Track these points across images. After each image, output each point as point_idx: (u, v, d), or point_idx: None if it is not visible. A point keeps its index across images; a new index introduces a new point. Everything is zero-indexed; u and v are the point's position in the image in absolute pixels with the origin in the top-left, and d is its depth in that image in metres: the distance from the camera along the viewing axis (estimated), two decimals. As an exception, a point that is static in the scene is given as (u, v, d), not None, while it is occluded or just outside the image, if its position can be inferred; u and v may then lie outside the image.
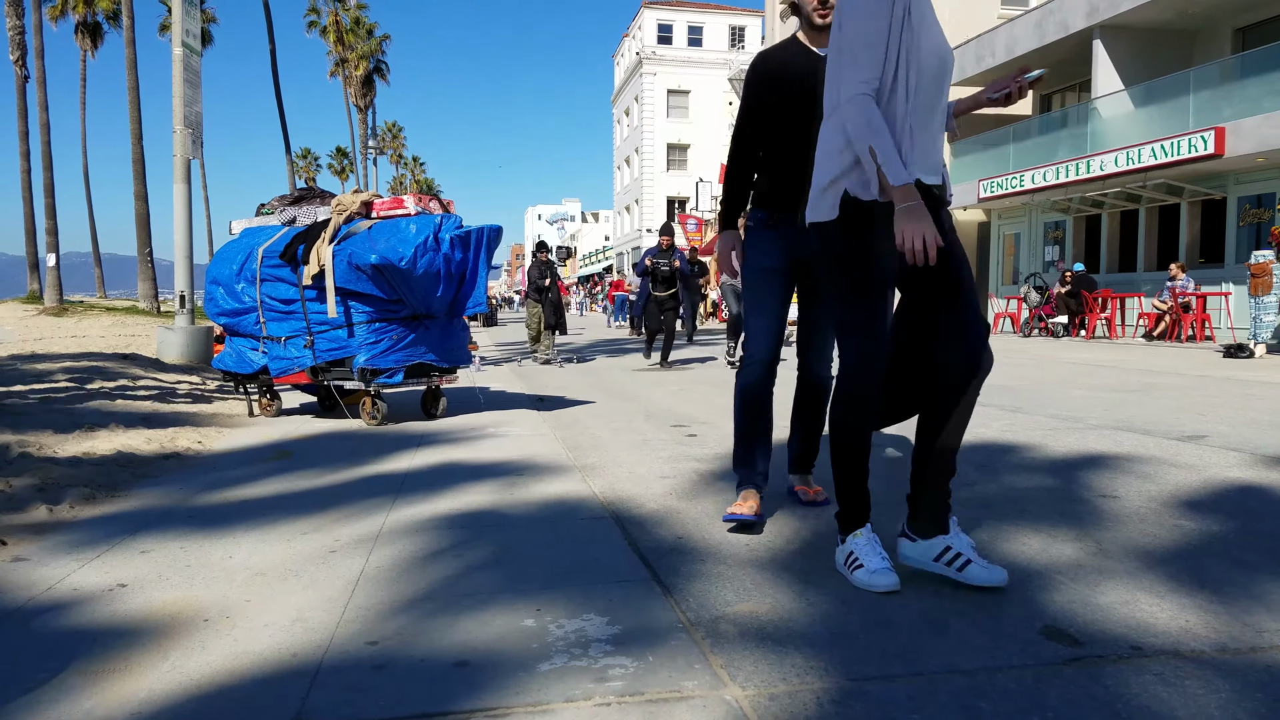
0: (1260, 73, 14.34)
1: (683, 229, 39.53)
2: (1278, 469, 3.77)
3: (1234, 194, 15.46)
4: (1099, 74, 17.65)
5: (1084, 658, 1.83)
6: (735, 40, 49.57)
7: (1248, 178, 14.88)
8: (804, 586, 2.30)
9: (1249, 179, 14.87)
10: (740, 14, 49.87)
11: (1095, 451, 4.20)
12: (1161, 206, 17.42)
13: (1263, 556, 2.52)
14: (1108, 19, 17.09)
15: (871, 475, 2.51)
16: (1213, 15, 16.46)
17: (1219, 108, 14.75)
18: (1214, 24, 16.80)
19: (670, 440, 4.66)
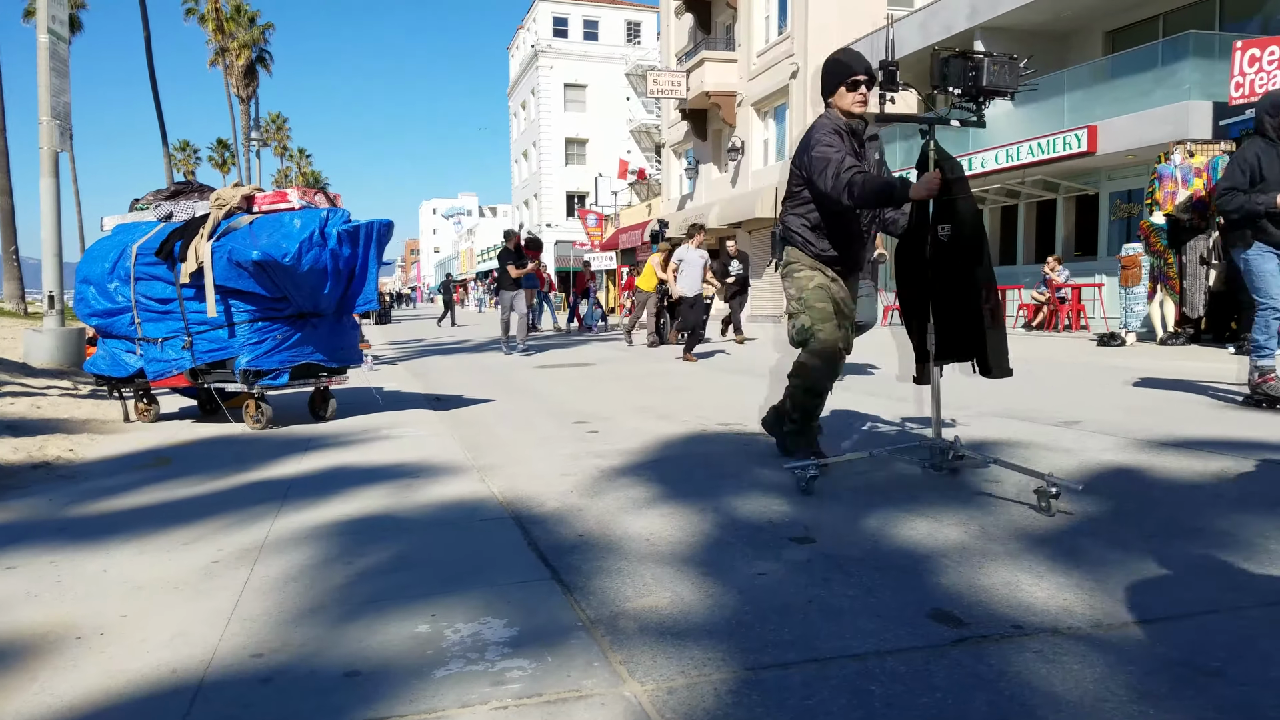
0: (1129, 74, 15.24)
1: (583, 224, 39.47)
2: (1148, 452, 4.01)
3: (1106, 190, 16.40)
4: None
5: (969, 638, 1.89)
6: (631, 35, 49.73)
7: (1119, 174, 15.79)
8: (704, 579, 2.31)
9: (1120, 175, 15.79)
10: (636, 9, 50.04)
11: (981, 438, 4.38)
12: (1039, 202, 18.33)
13: (1135, 535, 2.67)
14: (987, 20, 17.86)
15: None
16: (1085, 18, 17.40)
17: (1091, 107, 15.60)
18: (1086, 27, 17.76)
19: (572, 437, 4.63)
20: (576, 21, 49.44)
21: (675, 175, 32.50)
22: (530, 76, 50.75)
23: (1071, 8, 16.79)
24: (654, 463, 3.88)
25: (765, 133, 26.39)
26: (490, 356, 11.69)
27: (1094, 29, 17.68)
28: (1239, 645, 1.81)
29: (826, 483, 3.47)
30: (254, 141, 35.36)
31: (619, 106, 45.46)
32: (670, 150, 32.61)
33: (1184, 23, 15.30)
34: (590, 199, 42.74)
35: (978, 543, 2.60)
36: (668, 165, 33.06)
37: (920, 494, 3.23)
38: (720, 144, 28.19)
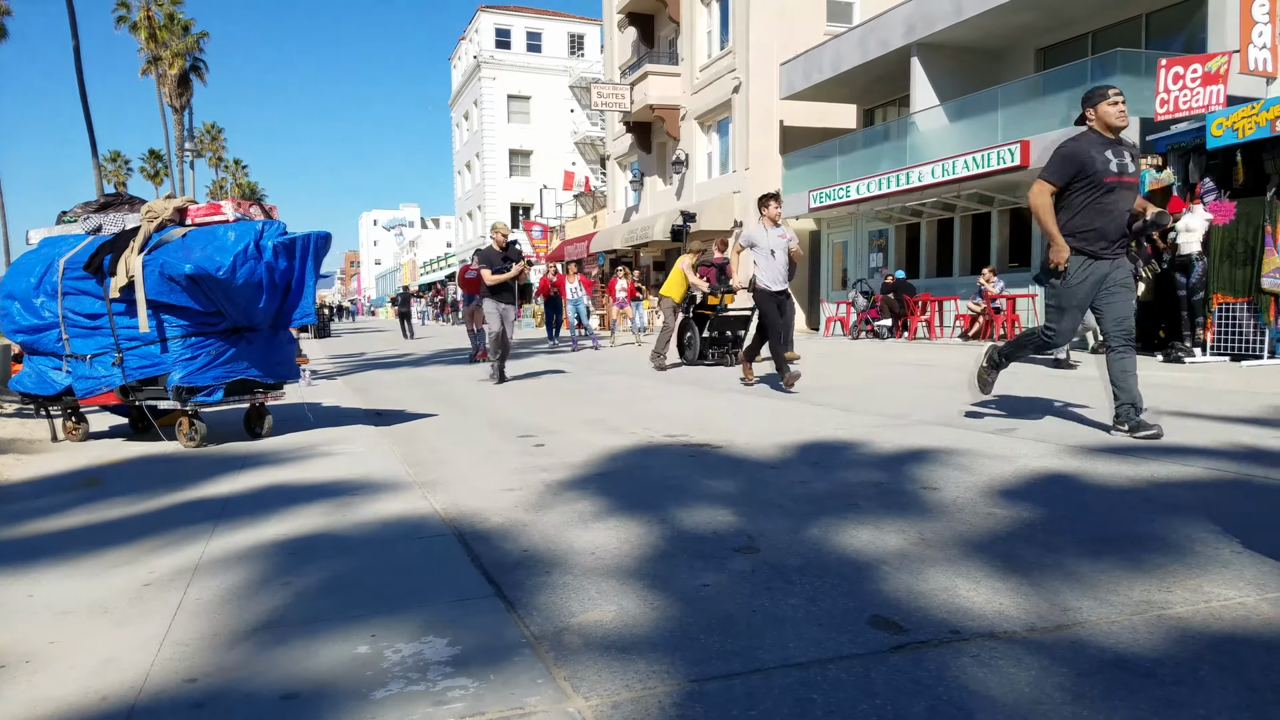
0: (1060, 90, 15.73)
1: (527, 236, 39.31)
2: (1079, 457, 4.13)
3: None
4: (917, 90, 18.87)
5: (908, 644, 1.92)
6: (575, 47, 49.83)
7: (1048, 188, 16.29)
8: (650, 591, 2.31)
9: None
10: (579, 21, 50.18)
11: (919, 446, 4.46)
12: (974, 215, 18.80)
13: (1068, 539, 2.74)
14: (924, 37, 18.30)
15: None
16: (1017, 36, 17.93)
17: (1024, 123, 16.06)
18: (1019, 44, 18.30)
19: (517, 452, 4.59)
20: (519, 33, 49.37)
21: (620, 187, 32.60)
22: (473, 87, 50.50)
23: (1004, 26, 17.30)
24: (601, 476, 3.87)
25: (709, 146, 26.65)
26: (434, 370, 11.54)
27: (1026, 46, 18.24)
28: (1168, 646, 1.87)
29: (771, 492, 3.51)
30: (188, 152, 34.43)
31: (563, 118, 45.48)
32: (615, 162, 32.71)
33: (1112, 41, 15.88)
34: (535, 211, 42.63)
35: (917, 549, 2.65)
36: (613, 177, 33.15)
37: (861, 502, 3.27)
38: (665, 157, 28.37)
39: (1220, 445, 4.37)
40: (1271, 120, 10.52)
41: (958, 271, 19.20)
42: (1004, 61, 18.76)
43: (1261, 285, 9.84)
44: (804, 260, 24.38)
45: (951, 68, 18.61)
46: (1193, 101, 12.33)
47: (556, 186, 40.19)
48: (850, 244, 22.48)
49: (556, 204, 39.52)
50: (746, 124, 23.96)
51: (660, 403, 6.93)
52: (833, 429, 5.13)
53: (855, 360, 11.95)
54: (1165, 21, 15.69)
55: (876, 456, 4.27)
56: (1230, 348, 10.10)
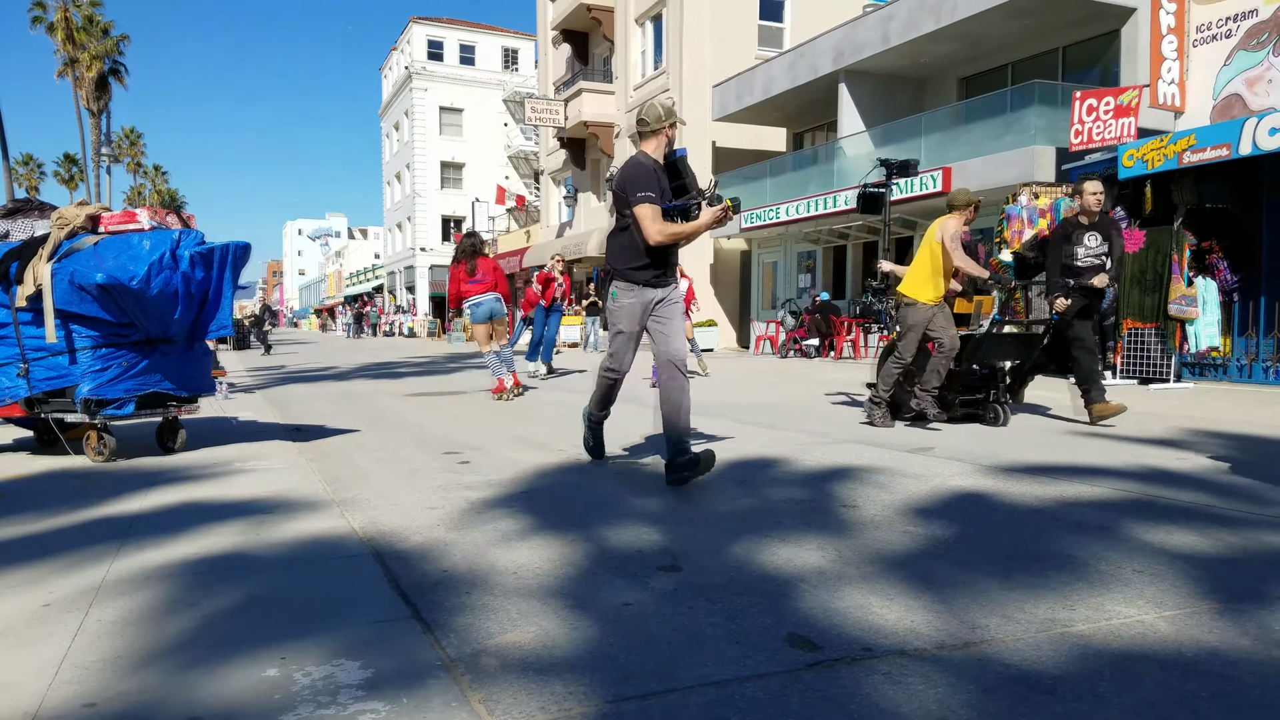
0: (980, 119, 16.31)
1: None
2: (992, 477, 4.26)
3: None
4: (844, 115, 19.35)
5: (822, 661, 1.95)
6: (509, 62, 49.74)
7: (969, 214, 16.86)
8: (570, 611, 2.30)
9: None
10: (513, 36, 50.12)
11: (840, 464, 4.55)
12: (900, 239, 19.32)
13: (979, 557, 2.82)
14: (851, 64, 18.80)
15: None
16: (941, 65, 18.55)
17: (946, 149, 16.61)
18: (942, 73, 18.94)
19: (441, 469, 4.52)
20: (452, 45, 49.08)
21: (554, 202, 32.58)
22: (404, 98, 49.95)
23: (928, 54, 17.88)
24: (526, 494, 3.84)
25: (643, 164, 26.79)
26: (357, 384, 11.30)
27: (949, 75, 18.88)
28: (1070, 663, 1.94)
29: (696, 509, 3.53)
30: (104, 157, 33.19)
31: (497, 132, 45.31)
32: (549, 177, 32.70)
33: (1030, 72, 16.54)
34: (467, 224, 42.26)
35: (835, 566, 2.70)
36: (547, 192, 33.12)
37: (784, 520, 3.32)
38: (599, 173, 28.48)
39: (1127, 466, 4.57)
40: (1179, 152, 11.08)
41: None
42: (928, 90, 19.38)
43: (1168, 311, 10.33)
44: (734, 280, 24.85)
45: (877, 94, 19.15)
46: (1105, 133, 12.92)
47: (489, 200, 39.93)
48: (780, 264, 22.86)
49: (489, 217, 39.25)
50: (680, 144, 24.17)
51: (589, 419, 6.92)
52: (759, 447, 5.19)
53: (783, 378, 12.14)
54: (1081, 54, 16.42)
55: (800, 474, 4.33)
56: (1139, 371, 10.57)
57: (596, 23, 27.64)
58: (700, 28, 23.73)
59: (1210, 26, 12.51)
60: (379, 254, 65.11)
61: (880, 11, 18.25)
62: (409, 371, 13.81)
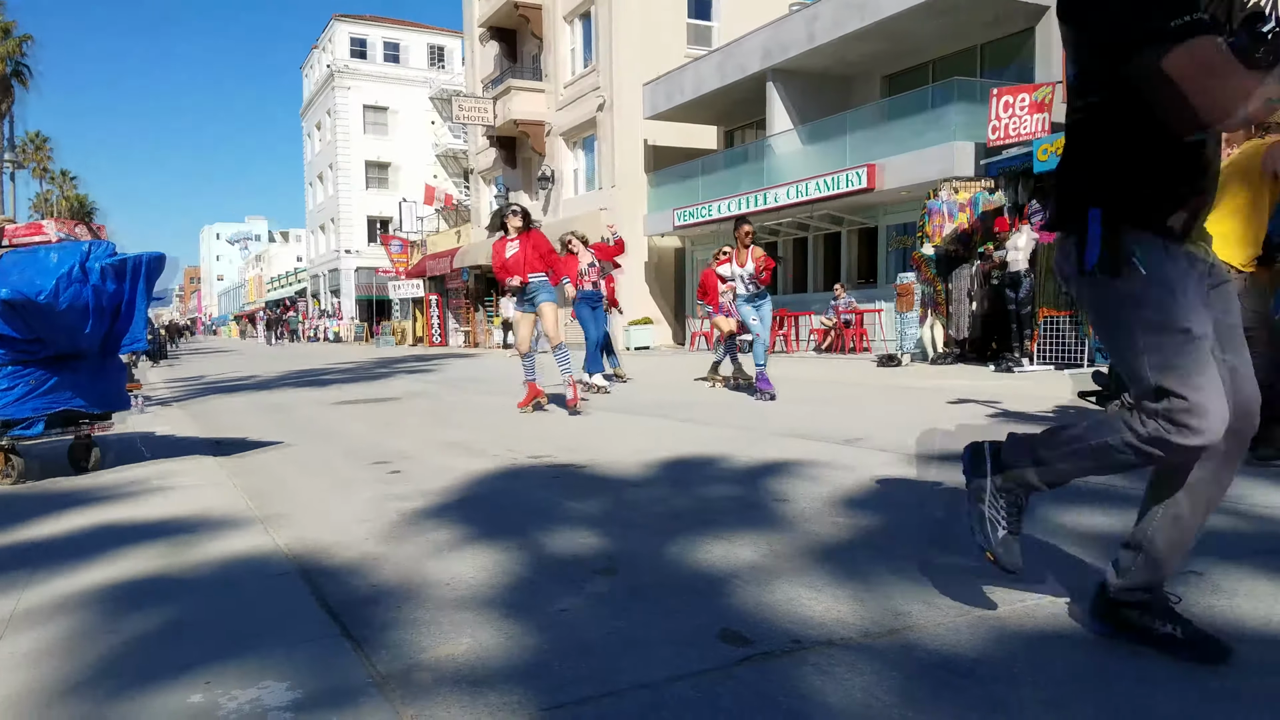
0: (904, 116, 16.69)
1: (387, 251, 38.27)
2: (920, 466, 4.37)
3: (884, 223, 17.85)
4: (773, 114, 19.60)
5: (753, 656, 1.99)
6: (436, 59, 49.08)
7: (895, 209, 17.24)
8: (506, 620, 2.29)
9: (896, 210, 17.24)
10: (440, 34, 49.46)
11: (773, 459, 4.62)
12: (827, 234, 19.68)
13: (904, 545, 2.90)
14: (778, 63, 19.04)
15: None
16: (865, 64, 18.92)
17: (871, 147, 16.95)
18: (866, 72, 19.31)
19: (371, 480, 4.45)
20: (376, 43, 48.23)
21: (486, 202, 32.27)
22: (326, 97, 48.91)
23: (853, 54, 18.22)
24: (460, 502, 3.80)
25: (576, 163, 26.78)
26: (283, 394, 11.03)
27: (873, 74, 19.26)
28: (988, 646, 2.01)
29: (632, 511, 3.55)
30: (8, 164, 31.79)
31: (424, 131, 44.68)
32: (480, 177, 32.38)
33: (951, 69, 16.98)
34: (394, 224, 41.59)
35: (767, 561, 2.74)
36: (477, 192, 32.79)
37: (718, 517, 3.36)
38: (531, 172, 28.32)
39: (1043, 450, 4.73)
40: (1085, 148, 11.45)
41: (812, 288, 20.02)
42: (853, 88, 19.75)
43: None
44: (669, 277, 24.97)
45: (805, 93, 19.44)
46: (1021, 128, 13.35)
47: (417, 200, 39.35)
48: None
49: (417, 218, 38.69)
50: (612, 142, 24.23)
51: (526, 423, 6.89)
52: (695, 445, 5.24)
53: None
54: (999, 52, 16.90)
55: (734, 471, 4.39)
56: (1055, 357, 10.96)
57: (525, 20, 27.46)
58: (630, 26, 23.76)
59: (1115, 24, 13.04)
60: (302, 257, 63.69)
61: (806, 11, 18.53)
62: (336, 378, 13.53)
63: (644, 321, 23.21)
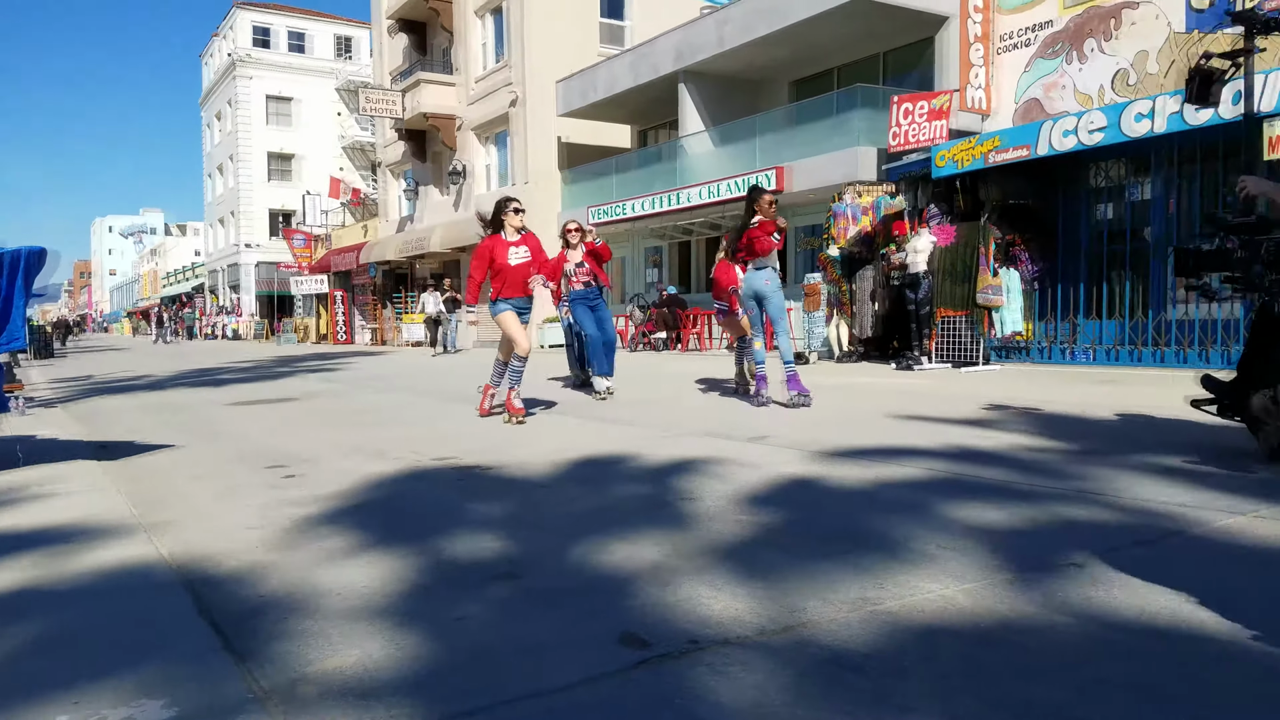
0: (810, 121, 17.05)
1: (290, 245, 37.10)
2: (820, 462, 4.46)
3: (793, 224, 18.18)
4: (685, 115, 19.75)
5: (651, 658, 1.98)
6: (343, 50, 47.80)
7: (803, 211, 17.57)
8: (400, 629, 2.23)
9: (804, 212, 17.58)
10: (347, 24, 48.19)
11: (684, 457, 4.64)
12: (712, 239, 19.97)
13: (803, 541, 2.95)
14: (690, 65, 19.19)
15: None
16: (773, 68, 19.23)
17: (779, 150, 17.25)
18: (775, 76, 19.63)
19: (265, 484, 4.28)
20: (280, 32, 46.67)
21: (394, 196, 31.60)
22: (227, 86, 47.10)
23: (762, 58, 18.50)
24: (357, 508, 3.69)
25: (488, 158, 26.46)
26: (176, 394, 10.55)
27: (781, 79, 19.60)
28: (878, 640, 2.06)
29: (539, 513, 3.51)
30: None
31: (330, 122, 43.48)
32: (388, 170, 31.67)
33: (855, 76, 17.41)
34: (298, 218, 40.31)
35: (670, 560, 2.75)
36: (386, 185, 32.07)
37: (626, 517, 3.35)
38: (442, 166, 27.83)
39: (940, 446, 4.89)
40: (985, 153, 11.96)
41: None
42: (762, 92, 20.06)
43: (977, 300, 11.15)
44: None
45: (716, 95, 19.65)
46: (920, 135, 13.76)
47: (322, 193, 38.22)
48: (629, 260, 23.10)
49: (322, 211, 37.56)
50: (525, 138, 24.03)
51: (434, 423, 6.76)
52: (608, 444, 5.22)
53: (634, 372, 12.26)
54: (900, 60, 17.41)
55: (645, 470, 4.40)
56: (952, 356, 11.36)
57: (435, 13, 26.97)
58: (542, 23, 23.59)
59: (1013, 35, 13.58)
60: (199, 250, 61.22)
61: (717, 14, 18.73)
62: (233, 378, 13.02)
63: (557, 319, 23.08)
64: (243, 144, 45.89)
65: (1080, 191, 12.01)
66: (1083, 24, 12.47)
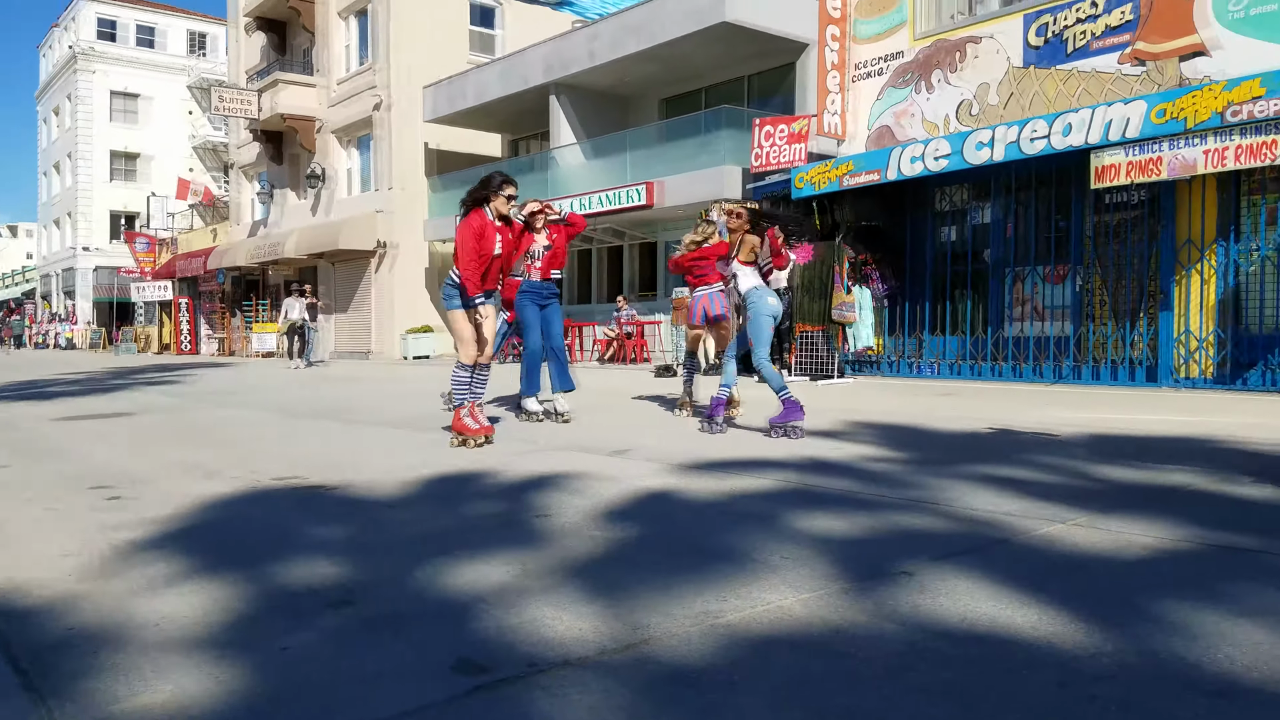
0: (679, 138, 17.36)
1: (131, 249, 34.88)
2: (677, 475, 4.51)
3: (663, 239, 18.47)
4: (557, 126, 19.74)
5: (486, 684, 1.94)
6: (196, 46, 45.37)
7: (672, 226, 17.86)
8: (219, 662, 2.10)
9: (673, 227, 17.86)
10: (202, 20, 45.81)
11: (542, 472, 4.59)
12: (610, 247, 20.08)
13: (654, 556, 2.96)
14: (561, 78, 19.21)
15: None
16: (643, 85, 19.49)
17: (650, 165, 17.48)
18: (645, 93, 19.89)
19: (87, 507, 3.95)
20: (129, 25, 43.92)
21: (247, 198, 30.16)
22: (67, 80, 43.90)
23: (632, 75, 18.74)
24: (185, 532, 3.46)
25: (350, 162, 25.65)
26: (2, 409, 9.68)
27: (652, 95, 19.90)
28: (715, 654, 2.08)
29: (383, 535, 3.39)
30: None
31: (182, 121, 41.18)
32: (241, 172, 30.21)
33: (722, 97, 17.86)
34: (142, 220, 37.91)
35: (518, 581, 2.70)
36: (239, 187, 30.57)
37: (475, 537, 3.28)
38: (299, 169, 26.77)
39: (793, 457, 5.05)
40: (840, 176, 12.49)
41: (595, 299, 20.35)
42: (632, 107, 20.31)
43: (832, 316, 11.62)
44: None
45: (588, 108, 19.75)
46: (781, 157, 14.23)
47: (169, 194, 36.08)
48: (497, 270, 22.85)
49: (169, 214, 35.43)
50: (390, 143, 23.44)
51: (279, 441, 6.45)
52: (464, 460, 5.11)
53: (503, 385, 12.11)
54: (765, 83, 17.99)
55: (500, 487, 4.32)
56: (810, 369, 11.78)
57: (296, 13, 25.95)
58: (410, 27, 23.12)
59: (867, 64, 14.24)
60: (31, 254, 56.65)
61: (588, 29, 18.86)
62: (63, 390, 12.05)
63: (424, 329, 22.56)
64: (83, 141, 42.83)
65: (927, 214, 12.71)
66: (931, 56, 13.22)
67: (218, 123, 32.34)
